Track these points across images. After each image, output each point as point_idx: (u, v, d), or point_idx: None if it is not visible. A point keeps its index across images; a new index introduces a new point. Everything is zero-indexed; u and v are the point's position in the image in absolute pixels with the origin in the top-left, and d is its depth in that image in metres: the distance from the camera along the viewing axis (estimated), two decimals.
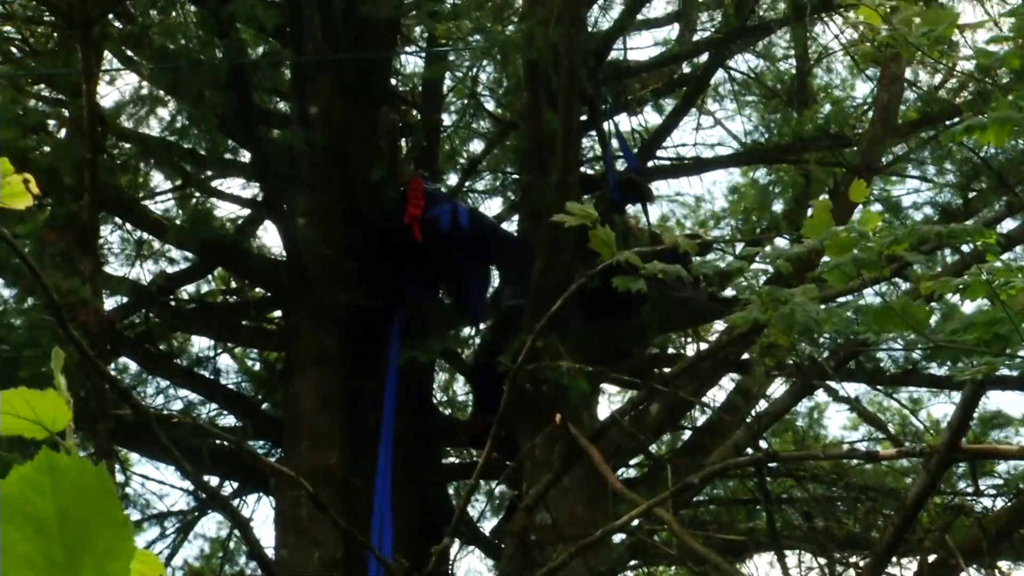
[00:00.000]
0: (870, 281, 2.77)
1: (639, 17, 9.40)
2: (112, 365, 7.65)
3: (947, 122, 7.63)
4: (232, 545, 9.29)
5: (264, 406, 8.76)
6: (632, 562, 6.96)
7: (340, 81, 7.68)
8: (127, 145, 7.95)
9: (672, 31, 10.10)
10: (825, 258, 2.70)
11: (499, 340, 6.93)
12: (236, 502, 8.80)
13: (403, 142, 8.75)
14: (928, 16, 2.77)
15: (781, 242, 7.99)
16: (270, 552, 6.43)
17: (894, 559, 5.83)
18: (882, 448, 6.87)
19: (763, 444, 6.79)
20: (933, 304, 2.79)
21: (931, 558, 5.38)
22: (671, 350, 8.77)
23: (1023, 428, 8.06)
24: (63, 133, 7.49)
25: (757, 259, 3.42)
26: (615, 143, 8.31)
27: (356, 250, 7.47)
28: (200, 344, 9.11)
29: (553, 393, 6.07)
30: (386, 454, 6.55)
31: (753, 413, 6.87)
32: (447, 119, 9.50)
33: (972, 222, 6.91)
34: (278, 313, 8.40)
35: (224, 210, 9.15)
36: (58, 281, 5.81)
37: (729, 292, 6.72)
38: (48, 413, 0.96)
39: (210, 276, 9.05)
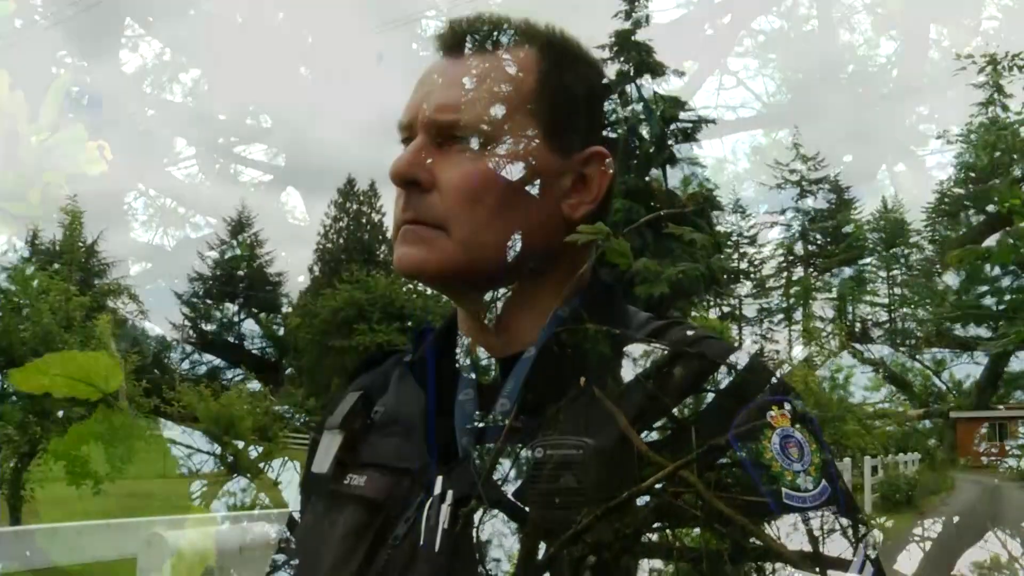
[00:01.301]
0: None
1: None
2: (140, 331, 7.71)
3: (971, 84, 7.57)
4: (258, 509, 9.38)
5: (288, 371, 8.81)
6: (657, 524, 7.00)
7: None
8: (151, 112, 7.98)
9: None
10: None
11: None
12: (262, 465, 8.89)
13: None
14: None
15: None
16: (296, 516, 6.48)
17: (919, 519, 5.88)
18: (906, 409, 6.87)
19: (787, 406, 6.80)
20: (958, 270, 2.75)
21: (955, 519, 5.39)
22: (694, 313, 8.77)
23: None
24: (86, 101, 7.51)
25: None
26: (638, 106, 8.28)
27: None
28: (226, 310, 9.18)
29: (576, 356, 6.07)
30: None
31: (778, 375, 6.88)
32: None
33: (997, 182, 6.87)
34: (301, 279, 8.44)
35: (248, 176, 9.19)
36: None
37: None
38: (101, 375, 0.98)
39: (235, 243, 9.10)
